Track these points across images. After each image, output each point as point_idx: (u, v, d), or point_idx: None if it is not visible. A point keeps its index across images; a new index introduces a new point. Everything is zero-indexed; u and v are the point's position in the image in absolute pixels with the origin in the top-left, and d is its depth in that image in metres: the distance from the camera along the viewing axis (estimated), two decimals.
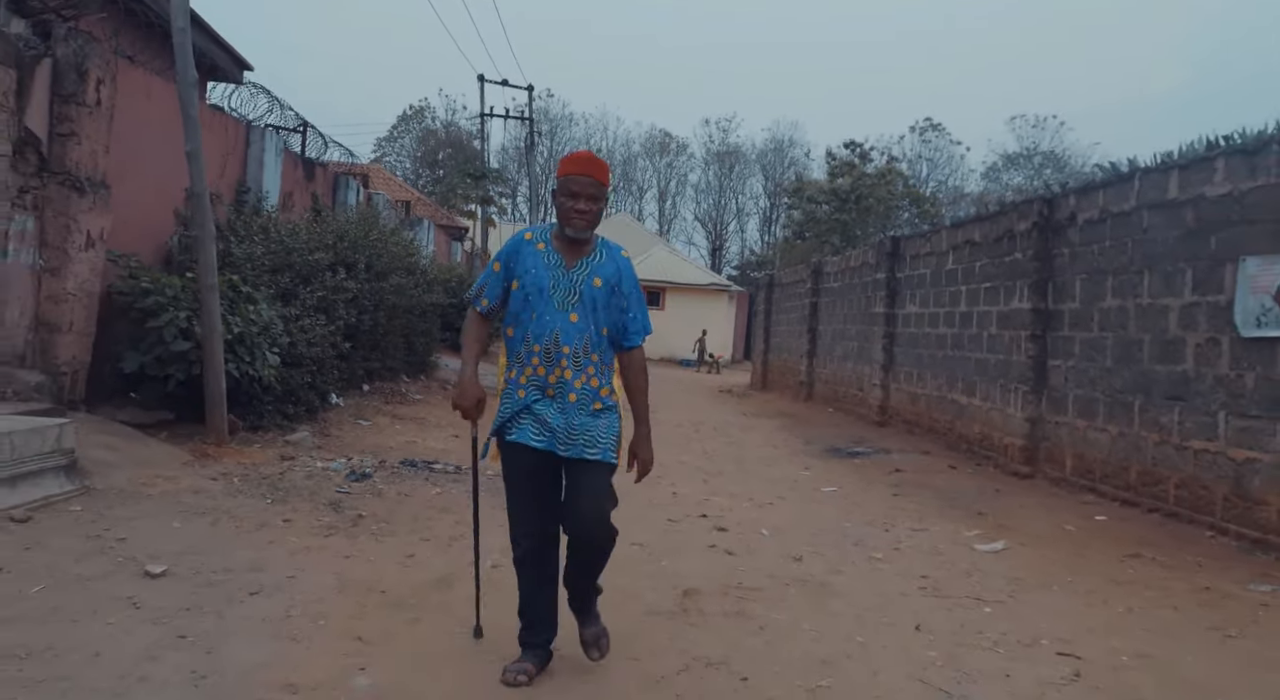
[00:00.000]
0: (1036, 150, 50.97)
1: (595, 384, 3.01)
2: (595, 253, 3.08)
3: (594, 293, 3.01)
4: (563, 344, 2.96)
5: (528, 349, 2.99)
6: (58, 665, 2.77)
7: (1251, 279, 5.80)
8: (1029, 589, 4.73)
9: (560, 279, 2.99)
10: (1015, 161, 51.34)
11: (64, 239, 6.13)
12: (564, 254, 3.04)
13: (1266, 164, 5.77)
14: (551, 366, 2.96)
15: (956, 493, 7.65)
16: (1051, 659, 3.65)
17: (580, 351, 2.98)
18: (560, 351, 2.96)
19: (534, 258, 3.03)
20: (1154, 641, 3.88)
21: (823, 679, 3.30)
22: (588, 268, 3.03)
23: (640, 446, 3.11)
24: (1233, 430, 5.91)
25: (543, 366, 2.97)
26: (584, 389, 2.98)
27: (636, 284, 3.15)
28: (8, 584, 3.36)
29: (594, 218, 3.03)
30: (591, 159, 3.07)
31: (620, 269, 3.09)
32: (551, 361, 2.96)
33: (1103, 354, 7.42)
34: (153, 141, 7.49)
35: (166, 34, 6.73)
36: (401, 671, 3.05)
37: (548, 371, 2.96)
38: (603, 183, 3.04)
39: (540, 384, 2.97)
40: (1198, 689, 3.38)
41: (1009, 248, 9.03)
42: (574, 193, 2.97)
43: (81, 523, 4.27)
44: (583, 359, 2.98)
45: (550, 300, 2.97)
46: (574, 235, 3.01)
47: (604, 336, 3.05)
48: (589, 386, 2.99)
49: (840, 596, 4.42)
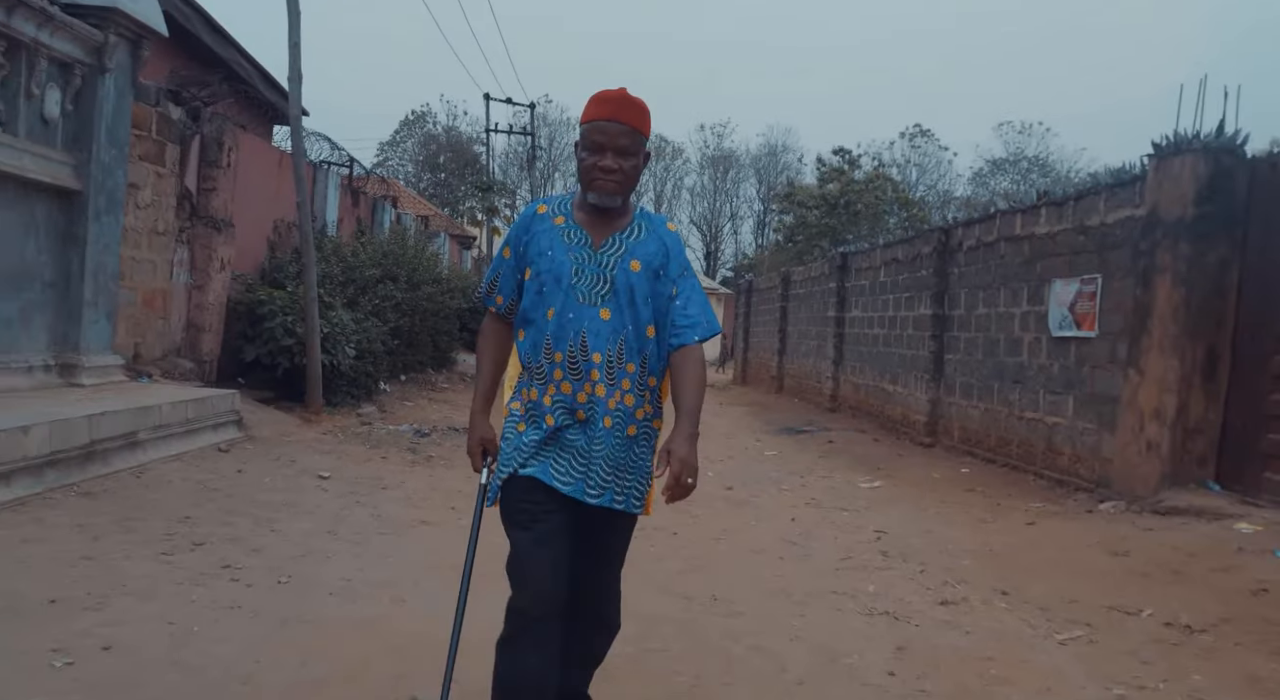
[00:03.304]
0: (1023, 156, 53.28)
1: (630, 403, 2.27)
2: (632, 227, 2.33)
3: (631, 279, 2.26)
4: (592, 350, 2.23)
5: (548, 358, 2.25)
6: (301, 511, 5.15)
7: (1057, 295, 8.16)
8: (880, 504, 7.08)
9: (586, 262, 2.26)
10: (1002, 167, 53.58)
11: (207, 264, 8.48)
12: (590, 230, 2.29)
13: (1065, 213, 8.13)
14: (579, 380, 2.23)
15: (869, 456, 10.01)
16: (869, 534, 5.99)
17: (615, 359, 2.25)
18: (588, 360, 2.23)
19: (550, 236, 2.30)
20: (937, 526, 6.24)
21: (722, 536, 5.65)
22: (622, 246, 2.29)
23: (679, 443, 2.16)
24: (1047, 403, 8.27)
25: (567, 382, 2.24)
26: (619, 411, 2.26)
27: (688, 266, 2.39)
28: (251, 478, 5.74)
29: (627, 180, 2.26)
30: (625, 98, 2.25)
31: (667, 247, 2.33)
32: (578, 374, 2.23)
33: (976, 349, 9.78)
34: (254, 186, 9.83)
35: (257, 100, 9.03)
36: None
37: (575, 388, 2.24)
38: (639, 130, 2.25)
39: (568, 405, 2.24)
40: (944, 540, 5.73)
41: (920, 266, 11.39)
42: (598, 144, 2.22)
43: (261, 453, 6.63)
44: (617, 369, 2.25)
45: (573, 291, 2.24)
46: (599, 203, 2.26)
47: (648, 338, 2.29)
48: (623, 406, 2.26)
49: (750, 506, 6.77)
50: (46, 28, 5.95)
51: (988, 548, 5.61)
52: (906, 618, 4.18)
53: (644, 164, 2.30)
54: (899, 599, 4.47)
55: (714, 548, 5.38)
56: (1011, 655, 3.74)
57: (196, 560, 3.96)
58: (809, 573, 4.92)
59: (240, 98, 10.32)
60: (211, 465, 5.98)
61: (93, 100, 6.54)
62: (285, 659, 2.98)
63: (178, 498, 5.01)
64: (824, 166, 44.27)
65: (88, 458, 5.09)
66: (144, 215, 7.58)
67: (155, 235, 7.80)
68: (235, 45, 9.98)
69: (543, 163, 50.95)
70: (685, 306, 2.32)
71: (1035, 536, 5.90)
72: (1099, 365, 7.50)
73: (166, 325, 8.13)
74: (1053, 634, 4.04)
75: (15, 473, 4.48)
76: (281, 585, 3.79)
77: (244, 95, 10.23)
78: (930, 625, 4.09)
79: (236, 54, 10.12)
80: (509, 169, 51.92)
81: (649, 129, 2.29)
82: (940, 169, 55.53)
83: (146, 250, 7.67)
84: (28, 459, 4.58)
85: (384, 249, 12.19)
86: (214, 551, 4.12)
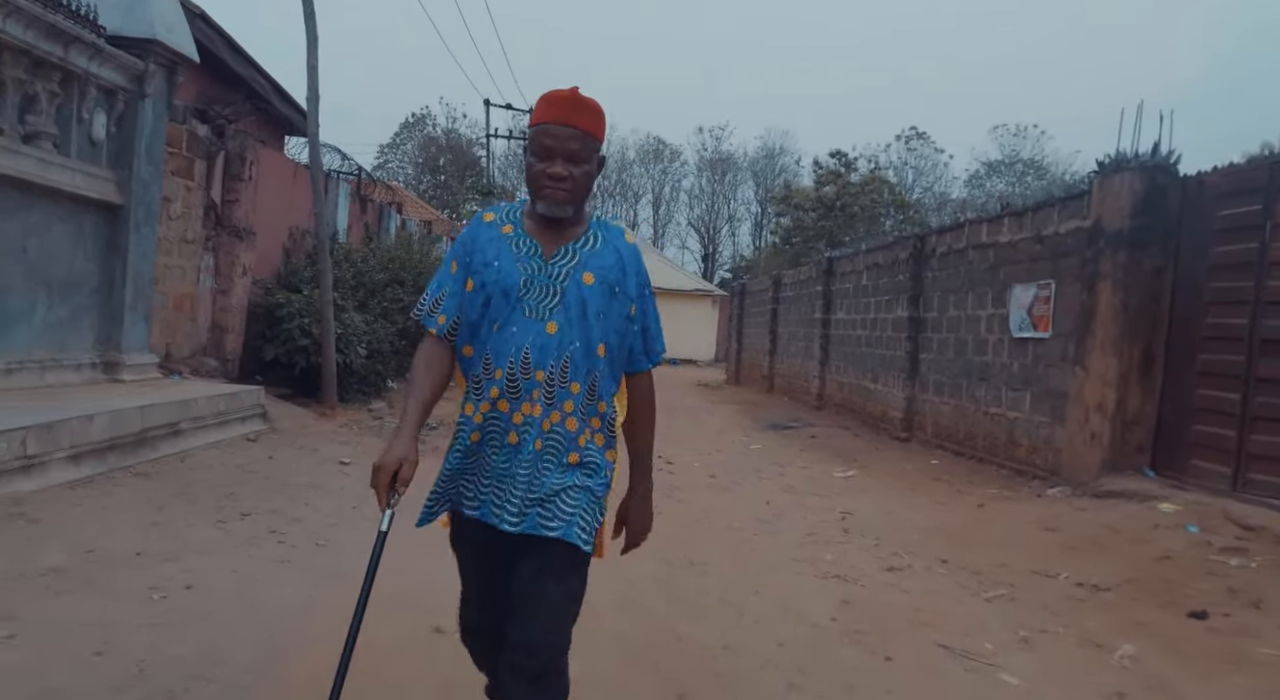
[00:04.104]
0: (1018, 158, 53.98)
1: (573, 427, 2.09)
2: (587, 237, 2.17)
3: (583, 292, 2.10)
4: (535, 367, 2.06)
5: (487, 375, 2.09)
6: (328, 491, 5.82)
7: (1017, 299, 8.84)
8: (850, 491, 7.75)
9: (536, 274, 2.10)
10: (997, 169, 54.27)
11: (230, 270, 9.14)
12: (541, 239, 2.14)
13: (1025, 223, 8.81)
14: (517, 400, 2.07)
15: (847, 450, 10.67)
16: (835, 515, 6.65)
17: (558, 377, 2.07)
18: (530, 379, 2.06)
19: (498, 245, 2.13)
20: (898, 509, 6.90)
21: (705, 513, 6.32)
22: (575, 257, 2.13)
23: (634, 510, 2.24)
24: (1008, 399, 8.94)
25: (504, 400, 2.07)
26: (557, 433, 2.08)
27: (647, 283, 2.23)
28: (281, 463, 6.41)
29: (579, 188, 2.10)
30: (576, 99, 2.08)
31: (624, 260, 2.17)
32: (517, 393, 2.07)
33: (948, 349, 10.46)
34: (270, 196, 10.49)
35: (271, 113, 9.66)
36: None
37: (512, 407, 2.07)
38: (591, 134, 2.09)
39: (502, 425, 2.09)
40: (902, 520, 6.40)
41: (897, 271, 12.07)
42: (547, 149, 2.07)
43: (286, 443, 7.29)
44: (558, 388, 2.07)
45: (520, 305, 2.08)
46: (548, 212, 2.10)
47: (599, 358, 2.11)
48: (564, 429, 2.09)
49: (731, 491, 7.44)
50: (96, 59, 6.61)
51: (939, 526, 6.28)
52: (855, 580, 4.85)
53: (598, 170, 2.13)
54: (852, 566, 5.14)
55: (695, 525, 6.05)
56: (940, 608, 4.41)
57: (246, 528, 4.63)
58: (776, 545, 5.59)
59: (258, 113, 10.99)
60: (244, 452, 6.64)
61: (134, 122, 7.21)
62: (331, 598, 3.64)
63: (220, 478, 5.68)
64: (820, 169, 44.83)
65: (140, 444, 5.76)
66: (175, 225, 8.24)
67: (184, 244, 8.46)
68: (253, 63, 10.65)
69: None
70: (643, 331, 2.20)
71: (982, 517, 6.58)
72: (1052, 364, 8.18)
73: (194, 327, 8.80)
74: (980, 592, 4.71)
75: (83, 455, 5.15)
76: (320, 547, 4.46)
77: (262, 111, 10.89)
78: (875, 586, 4.76)
79: (254, 71, 10.78)
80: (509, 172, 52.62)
81: (603, 133, 2.12)
82: (937, 171, 56.09)
83: (177, 257, 8.34)
84: (93, 443, 5.24)
85: (391, 254, 12.87)
86: (260, 521, 4.80)
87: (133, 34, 6.96)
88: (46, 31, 6.03)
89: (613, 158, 59.40)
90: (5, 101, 5.99)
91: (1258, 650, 3.86)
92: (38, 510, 4.27)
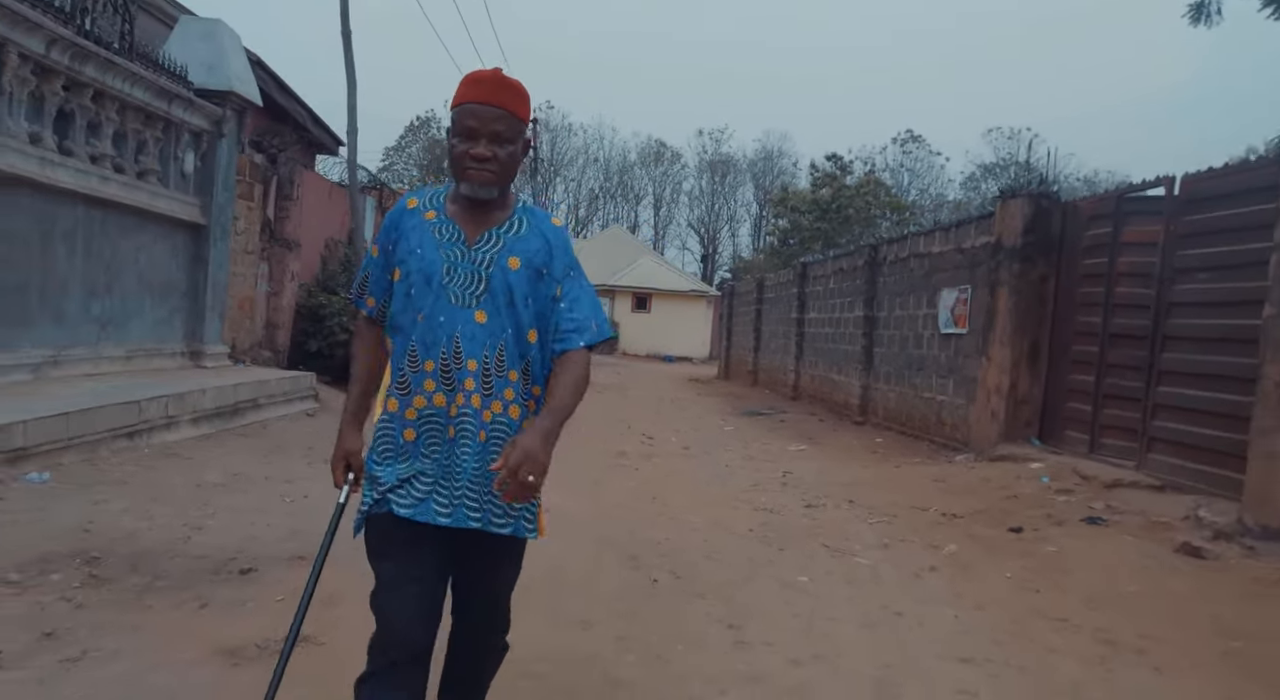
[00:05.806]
0: (1012, 160, 55.44)
1: (516, 414, 2.04)
2: (512, 221, 2.08)
3: (509, 278, 2.03)
4: (466, 356, 2.00)
5: (413, 368, 2.01)
6: None
7: (944, 301, 10.51)
8: (799, 460, 9.42)
9: (459, 260, 2.02)
10: (992, 171, 55.70)
11: (281, 276, 10.84)
12: (463, 224, 2.05)
13: (950, 237, 10.48)
14: (452, 392, 1.99)
15: (808, 431, 12.35)
16: (778, 474, 8.32)
17: (494, 366, 2.01)
18: (462, 368, 1.99)
19: (420, 232, 2.05)
20: (831, 470, 8.57)
21: (673, 472, 8.00)
22: (499, 242, 2.04)
23: (528, 433, 1.91)
24: (937, 385, 10.61)
25: (440, 393, 2.00)
26: (500, 422, 2.02)
27: (575, 264, 2.16)
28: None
29: (504, 169, 2.01)
30: (500, 79, 2.01)
31: (550, 243, 2.10)
32: (451, 384, 1.99)
33: (895, 344, 12.13)
34: (311, 211, 12.19)
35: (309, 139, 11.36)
36: None
37: (448, 400, 2.00)
38: (516, 114, 2.01)
39: (439, 420, 2.01)
40: (830, 477, 8.07)
41: (857, 275, 13.74)
42: (471, 130, 1.98)
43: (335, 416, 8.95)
44: (496, 378, 2.01)
45: (444, 292, 2.00)
46: (472, 194, 2.01)
47: (530, 343, 2.07)
48: (507, 418, 2.03)
49: (699, 459, 9.12)
50: (189, 110, 8.31)
51: (857, 480, 7.95)
52: (778, 511, 6.52)
53: (524, 152, 2.05)
54: (779, 504, 6.81)
55: (664, 479, 7.73)
56: (833, 527, 6.08)
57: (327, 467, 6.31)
58: (725, 492, 7.27)
59: (299, 140, 12.69)
60: (307, 423, 8.33)
61: (214, 157, 8.90)
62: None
63: (298, 439, 7.36)
64: (817, 172, 46.07)
65: (234, 413, 7.44)
66: (239, 240, 9.93)
67: (245, 255, 10.15)
68: (295, 96, 12.35)
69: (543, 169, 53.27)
70: (570, 309, 2.10)
71: (894, 474, 8.26)
72: (969, 355, 9.85)
73: (253, 324, 10.49)
74: (868, 519, 6.38)
75: (200, 418, 6.84)
76: None
77: (303, 139, 12.60)
78: (792, 515, 6.43)
79: (295, 103, 12.48)
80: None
81: (528, 113, 2.06)
82: (932, 173, 57.45)
83: (240, 266, 10.03)
84: (205, 411, 6.93)
85: None
86: None
87: (214, 87, 8.63)
88: (158, 92, 7.72)
89: (614, 160, 61.05)
90: (126, 148, 7.68)
91: (1044, 548, 5.53)
92: (187, 452, 5.97)
